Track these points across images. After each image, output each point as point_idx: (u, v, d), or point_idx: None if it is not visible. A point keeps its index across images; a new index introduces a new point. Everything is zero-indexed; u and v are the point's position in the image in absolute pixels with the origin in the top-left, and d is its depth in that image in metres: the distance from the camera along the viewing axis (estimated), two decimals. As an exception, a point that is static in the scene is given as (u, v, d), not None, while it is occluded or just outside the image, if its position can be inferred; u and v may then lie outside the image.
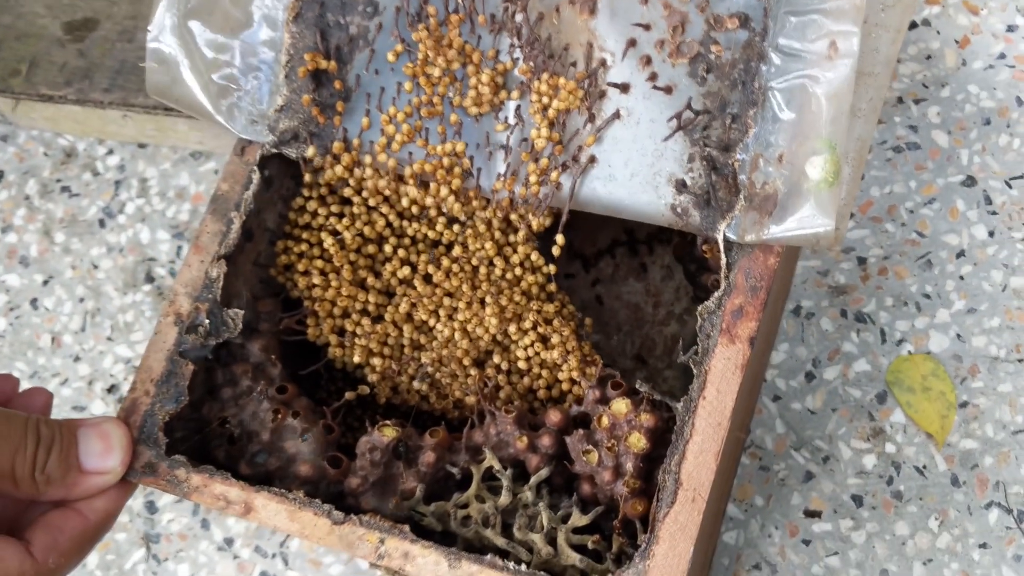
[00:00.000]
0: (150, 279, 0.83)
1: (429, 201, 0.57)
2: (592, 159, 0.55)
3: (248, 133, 0.58)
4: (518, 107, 0.56)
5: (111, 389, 0.80)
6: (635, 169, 0.54)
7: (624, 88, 0.54)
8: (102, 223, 0.86)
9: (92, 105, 0.81)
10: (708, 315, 0.51)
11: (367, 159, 0.57)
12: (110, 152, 0.88)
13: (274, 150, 0.58)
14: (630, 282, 0.68)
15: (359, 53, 0.57)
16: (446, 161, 0.57)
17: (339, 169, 0.57)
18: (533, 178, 0.55)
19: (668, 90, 0.53)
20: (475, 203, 0.57)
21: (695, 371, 0.50)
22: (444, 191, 0.57)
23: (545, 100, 0.55)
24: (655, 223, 0.54)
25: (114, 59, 0.81)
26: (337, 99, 0.58)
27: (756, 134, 0.51)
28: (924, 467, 0.71)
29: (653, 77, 0.53)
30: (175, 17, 0.56)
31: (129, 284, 0.83)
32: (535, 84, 0.55)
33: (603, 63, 0.54)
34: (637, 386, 0.52)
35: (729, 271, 0.52)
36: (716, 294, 0.51)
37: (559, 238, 0.57)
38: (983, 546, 0.69)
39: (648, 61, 0.53)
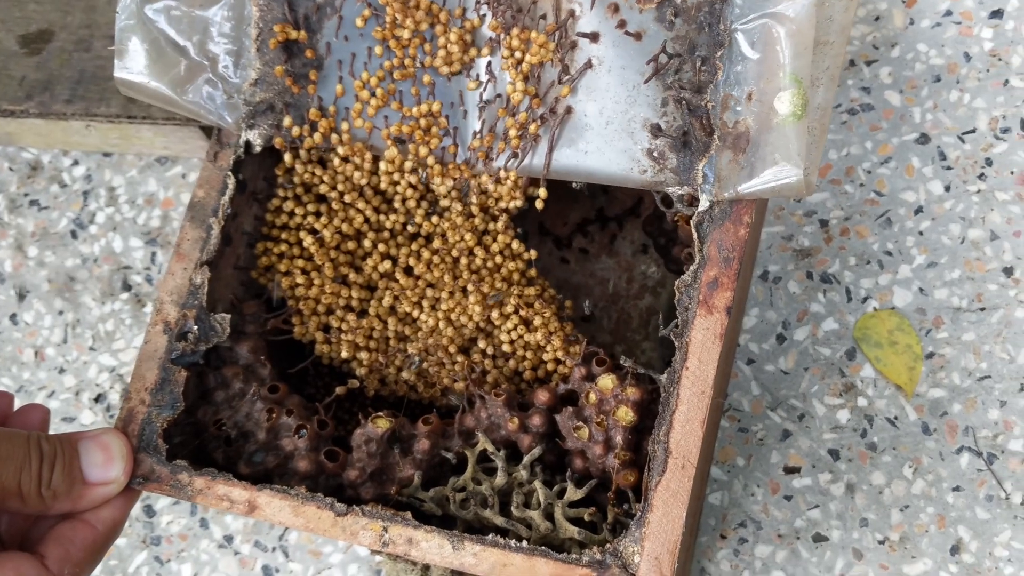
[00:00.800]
0: (127, 287, 0.83)
1: (408, 165, 0.58)
2: (569, 110, 0.55)
3: (223, 109, 0.58)
4: (489, 63, 0.56)
5: (98, 398, 0.81)
6: (610, 117, 0.55)
7: (594, 37, 0.55)
8: (74, 234, 0.86)
9: (54, 117, 0.80)
10: (685, 288, 0.52)
11: (344, 126, 0.58)
12: (75, 163, 0.88)
13: (248, 133, 0.58)
14: (603, 259, 0.70)
15: (327, 21, 0.58)
16: (423, 122, 0.57)
17: (317, 136, 0.58)
18: (513, 132, 0.56)
19: (638, 36, 0.54)
20: (451, 166, 0.58)
21: (676, 343, 0.52)
22: (423, 151, 0.58)
23: (518, 55, 0.55)
24: (630, 182, 0.55)
25: (73, 69, 0.81)
26: (310, 68, 0.58)
27: (725, 75, 0.52)
28: (896, 418, 0.73)
29: (622, 24, 0.54)
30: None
31: (107, 293, 0.83)
32: (506, 40, 0.55)
33: (572, 14, 0.55)
34: (621, 361, 0.54)
35: (702, 244, 0.53)
36: (691, 267, 0.53)
37: (542, 191, 0.58)
38: (956, 489, 0.71)
39: (616, 9, 0.54)
